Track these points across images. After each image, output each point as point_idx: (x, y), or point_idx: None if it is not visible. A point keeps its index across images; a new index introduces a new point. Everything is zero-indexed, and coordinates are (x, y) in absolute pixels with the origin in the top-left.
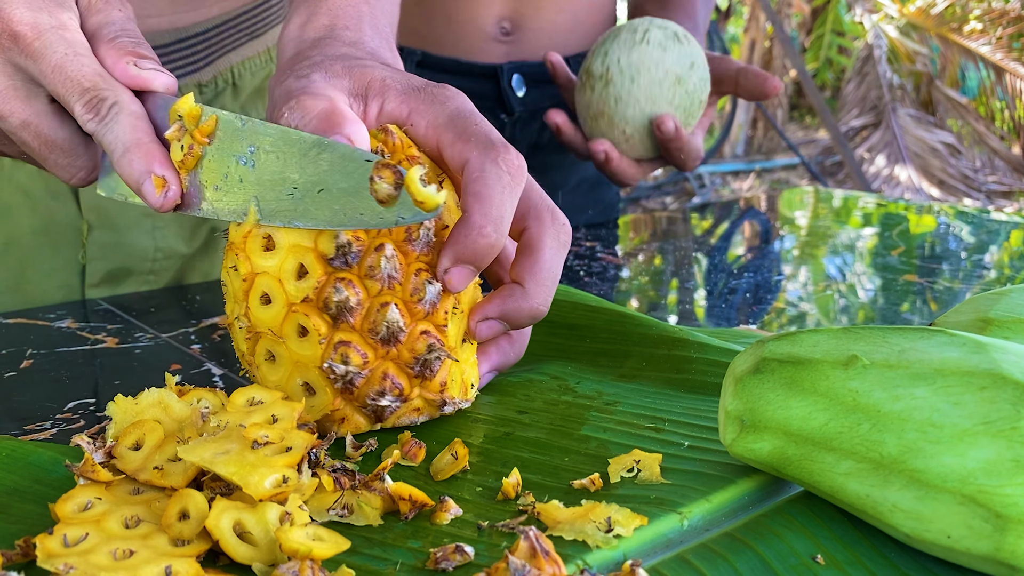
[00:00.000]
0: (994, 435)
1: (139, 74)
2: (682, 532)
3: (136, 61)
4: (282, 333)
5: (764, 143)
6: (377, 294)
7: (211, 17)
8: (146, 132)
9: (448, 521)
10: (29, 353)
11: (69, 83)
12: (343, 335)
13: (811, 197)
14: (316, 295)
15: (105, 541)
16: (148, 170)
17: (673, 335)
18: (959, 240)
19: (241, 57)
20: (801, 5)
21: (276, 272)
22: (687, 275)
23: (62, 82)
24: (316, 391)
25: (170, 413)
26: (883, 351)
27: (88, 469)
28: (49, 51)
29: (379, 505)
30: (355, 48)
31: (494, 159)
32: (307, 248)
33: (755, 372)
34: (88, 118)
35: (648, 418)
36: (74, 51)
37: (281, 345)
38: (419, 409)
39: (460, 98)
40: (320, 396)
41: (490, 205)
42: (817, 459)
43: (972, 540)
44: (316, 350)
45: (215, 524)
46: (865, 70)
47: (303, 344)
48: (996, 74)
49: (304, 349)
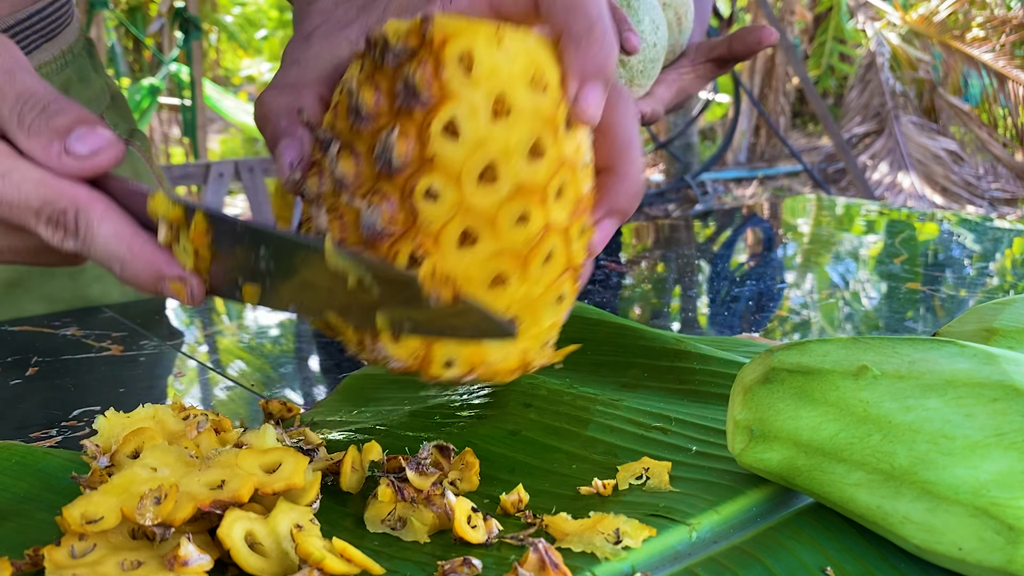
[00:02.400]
0: (1006, 447)
1: (80, 166)
2: (691, 544)
3: (66, 147)
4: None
5: (767, 150)
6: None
7: (2, 16)
8: (131, 233)
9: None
10: (35, 361)
11: (18, 212)
12: None
13: (814, 204)
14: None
15: (112, 552)
16: (158, 279)
17: (675, 346)
18: (962, 248)
19: (38, 62)
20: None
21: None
22: (690, 282)
23: (10, 215)
24: None
25: (164, 428)
26: (893, 362)
27: (95, 480)
28: None
29: (430, 523)
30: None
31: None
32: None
33: (764, 382)
34: (59, 238)
35: (655, 416)
36: (5, 167)
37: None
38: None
39: None
40: None
41: (587, 5)
42: (827, 470)
43: (984, 552)
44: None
45: (227, 534)
46: (868, 77)
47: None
48: (999, 81)
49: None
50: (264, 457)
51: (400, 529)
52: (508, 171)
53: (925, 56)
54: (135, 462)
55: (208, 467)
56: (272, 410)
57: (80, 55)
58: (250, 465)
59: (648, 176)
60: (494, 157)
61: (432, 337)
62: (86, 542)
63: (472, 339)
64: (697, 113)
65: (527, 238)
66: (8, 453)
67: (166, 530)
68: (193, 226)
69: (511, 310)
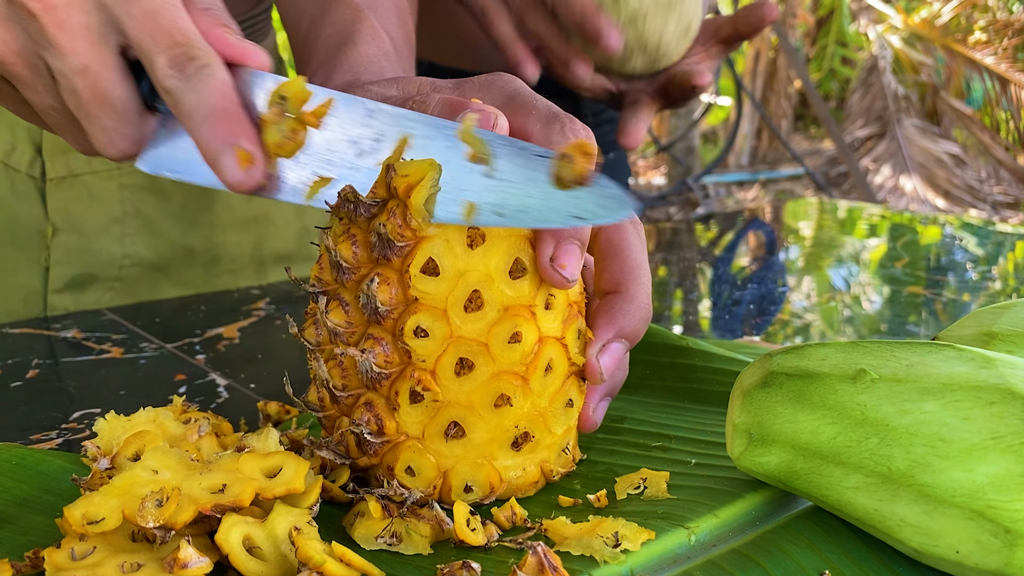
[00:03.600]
0: (1003, 450)
1: (238, 43)
2: (689, 548)
3: (233, 31)
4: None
5: (769, 153)
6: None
7: None
8: (235, 102)
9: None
10: (35, 363)
11: (159, 32)
12: None
13: (816, 208)
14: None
15: (112, 554)
16: (232, 141)
17: (677, 343)
18: (964, 251)
19: None
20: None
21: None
22: (691, 286)
23: (151, 30)
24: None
25: (165, 431)
26: (891, 365)
27: (95, 482)
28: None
29: (428, 533)
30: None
31: (560, 129)
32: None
33: (763, 385)
34: (170, 73)
35: (655, 436)
36: (172, 2)
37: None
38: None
39: (516, 82)
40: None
41: None
42: (825, 473)
43: (981, 555)
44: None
45: (225, 539)
46: (870, 80)
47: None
48: (1001, 85)
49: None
50: (265, 461)
51: (398, 544)
52: (492, 295)
53: (927, 59)
54: (136, 464)
55: (209, 471)
56: (270, 412)
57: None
58: (251, 469)
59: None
60: (476, 284)
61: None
62: (86, 544)
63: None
64: (699, 116)
65: (522, 355)
66: (8, 455)
67: (166, 532)
68: (319, 105)
69: (521, 427)
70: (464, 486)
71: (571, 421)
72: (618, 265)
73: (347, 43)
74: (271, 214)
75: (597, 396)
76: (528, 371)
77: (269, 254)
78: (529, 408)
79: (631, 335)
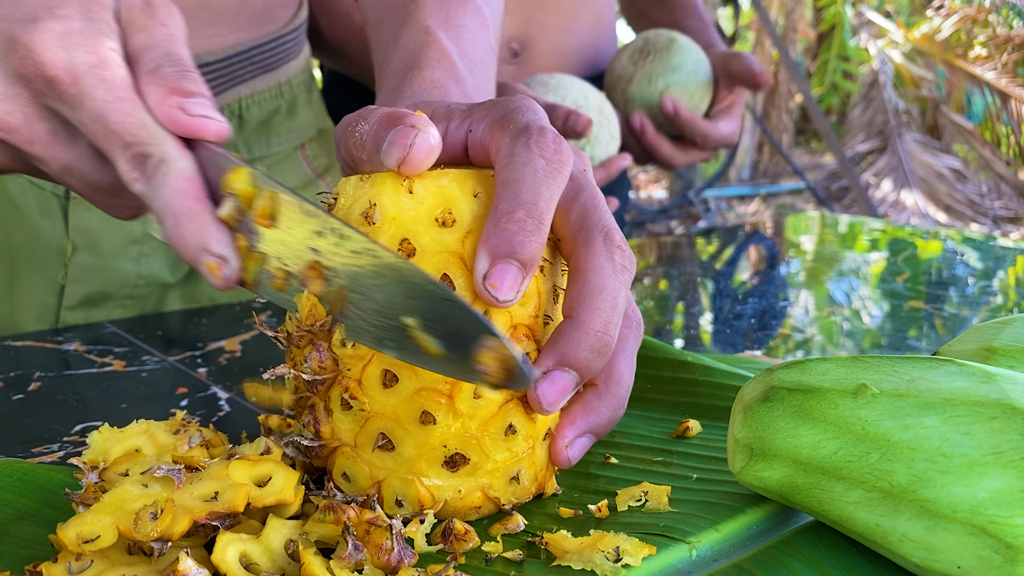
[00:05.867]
0: (1004, 465)
1: (187, 122)
2: (690, 563)
3: (183, 103)
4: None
5: (770, 167)
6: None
7: (224, 47)
8: (197, 198)
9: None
10: (37, 376)
11: (110, 136)
12: None
13: (817, 222)
14: None
15: (111, 567)
16: (202, 247)
17: (678, 358)
18: (965, 266)
19: (251, 90)
20: (806, 31)
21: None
22: (692, 300)
23: (103, 134)
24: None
25: (156, 443)
26: (892, 380)
27: (89, 496)
28: (87, 98)
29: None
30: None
31: (525, 142)
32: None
33: (764, 400)
34: (133, 177)
35: (656, 451)
36: (115, 96)
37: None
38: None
39: (520, 100)
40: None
41: (519, 188)
42: (826, 488)
43: (982, 571)
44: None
45: (221, 558)
46: (871, 95)
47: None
48: (1001, 100)
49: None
50: (255, 469)
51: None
52: None
53: (928, 74)
54: (126, 479)
55: (199, 479)
56: (272, 425)
57: (298, 88)
58: (241, 476)
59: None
60: None
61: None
62: (83, 559)
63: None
64: None
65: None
66: (10, 469)
67: (164, 544)
68: (262, 205)
69: (451, 448)
70: (395, 499)
71: (515, 449)
72: (576, 289)
73: (414, 69)
74: None
75: (571, 431)
76: (453, 390)
77: None
78: (459, 429)
79: (576, 365)
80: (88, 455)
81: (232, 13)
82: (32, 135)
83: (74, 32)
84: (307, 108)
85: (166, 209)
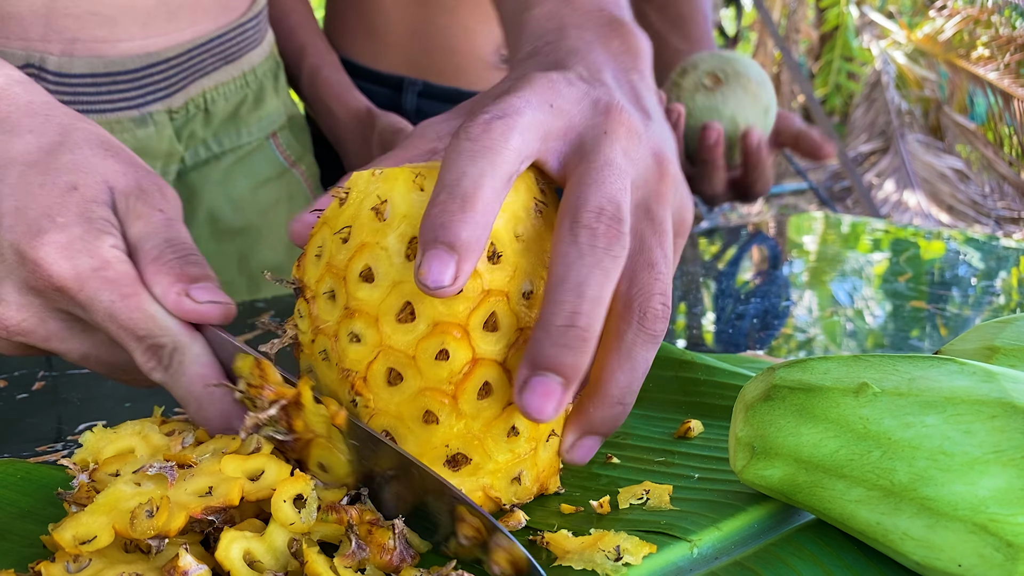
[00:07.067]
0: (1005, 464)
1: (195, 309)
2: (692, 560)
3: (188, 290)
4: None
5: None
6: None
7: (184, 41)
8: (216, 379)
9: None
10: (41, 375)
11: (122, 332)
12: None
13: (820, 222)
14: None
15: (109, 566)
16: (227, 427)
17: (680, 357)
18: (968, 266)
19: (214, 82)
20: (809, 31)
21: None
22: (695, 300)
23: (115, 331)
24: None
25: (149, 442)
26: (893, 379)
27: (82, 496)
28: (96, 301)
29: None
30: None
31: (456, 135)
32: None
33: (766, 399)
34: (151, 367)
35: (658, 451)
36: (120, 294)
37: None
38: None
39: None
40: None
41: (444, 171)
42: (828, 486)
43: (983, 569)
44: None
45: (225, 555)
46: (873, 96)
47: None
48: (1004, 100)
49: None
50: (247, 463)
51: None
52: (424, 308)
53: (931, 75)
54: (118, 479)
55: (192, 476)
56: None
57: (264, 77)
58: (233, 471)
59: None
60: (410, 296)
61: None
62: (81, 558)
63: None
64: None
65: (450, 373)
66: (13, 469)
67: (161, 541)
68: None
69: (452, 447)
70: None
71: (517, 450)
72: (547, 283)
73: (523, 10)
74: (258, 225)
75: (569, 435)
76: (457, 391)
77: (258, 267)
78: (461, 429)
79: (546, 365)
80: (80, 455)
81: (189, 6)
82: (48, 333)
83: (75, 239)
84: (275, 97)
85: (188, 396)
